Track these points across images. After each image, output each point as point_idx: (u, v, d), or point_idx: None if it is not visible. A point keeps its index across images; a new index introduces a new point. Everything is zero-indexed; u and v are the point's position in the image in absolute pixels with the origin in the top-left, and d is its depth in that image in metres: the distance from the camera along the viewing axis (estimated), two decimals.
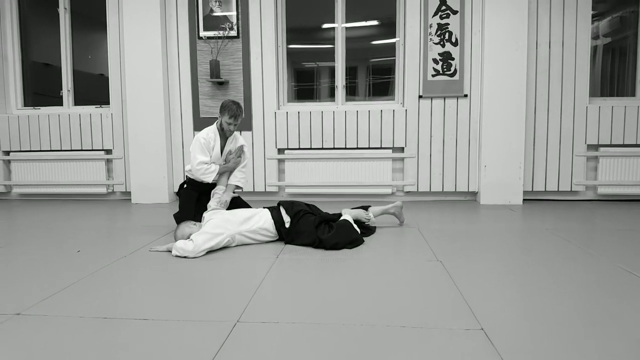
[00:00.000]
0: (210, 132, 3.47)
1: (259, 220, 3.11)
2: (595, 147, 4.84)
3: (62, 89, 5.39)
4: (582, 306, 2.01)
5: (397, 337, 1.71)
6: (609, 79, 5.29)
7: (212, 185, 3.52)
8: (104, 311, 1.97)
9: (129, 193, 5.22)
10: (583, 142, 4.80)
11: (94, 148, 5.25)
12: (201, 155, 3.41)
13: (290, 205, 3.19)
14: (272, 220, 3.12)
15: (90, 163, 5.24)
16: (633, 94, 4.95)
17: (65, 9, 5.29)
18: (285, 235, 3.11)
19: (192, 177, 3.56)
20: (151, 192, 5.01)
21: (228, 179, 3.55)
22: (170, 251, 2.91)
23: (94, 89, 5.53)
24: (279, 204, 3.25)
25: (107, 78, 5.19)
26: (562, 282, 2.32)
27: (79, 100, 5.45)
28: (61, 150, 5.29)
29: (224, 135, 3.52)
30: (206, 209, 3.35)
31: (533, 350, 1.59)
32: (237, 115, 3.38)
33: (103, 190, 5.25)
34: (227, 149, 3.53)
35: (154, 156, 4.99)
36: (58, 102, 5.42)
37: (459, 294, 2.15)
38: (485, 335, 1.71)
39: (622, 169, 4.78)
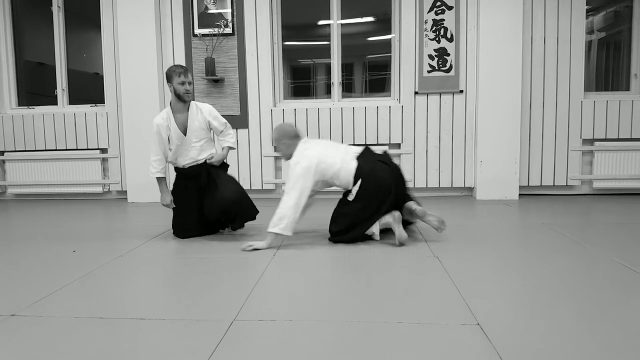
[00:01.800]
0: (163, 114, 3.27)
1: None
2: (590, 141, 4.86)
3: (56, 88, 5.36)
4: (578, 300, 2.02)
5: (394, 333, 1.71)
6: (604, 74, 5.30)
7: (196, 169, 3.34)
8: (100, 311, 1.96)
9: (125, 192, 5.21)
10: (578, 136, 4.81)
11: (89, 147, 5.23)
12: (154, 147, 3.31)
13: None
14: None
15: (86, 162, 5.22)
16: (627, 89, 4.96)
17: (59, 7, 5.25)
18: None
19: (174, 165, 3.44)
20: (147, 191, 4.99)
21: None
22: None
23: (88, 88, 5.50)
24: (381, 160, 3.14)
25: (102, 77, 5.17)
26: (559, 277, 2.33)
27: (73, 100, 5.42)
28: (56, 150, 5.26)
29: (184, 108, 3.26)
30: (197, 196, 3.32)
31: (529, 345, 1.60)
32: (186, 70, 3.18)
33: (99, 189, 5.24)
34: (191, 123, 3.25)
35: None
36: (52, 101, 5.39)
37: (456, 290, 2.15)
38: (482, 331, 1.71)
39: (617, 163, 4.80)
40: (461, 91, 4.83)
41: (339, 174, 3.06)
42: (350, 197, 3.06)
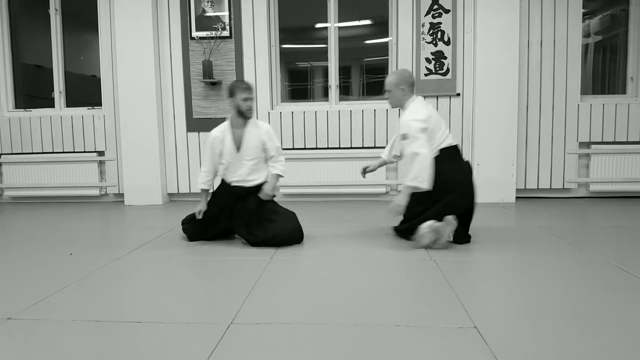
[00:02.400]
0: (221, 127, 3.18)
1: None
2: (587, 144, 4.87)
3: (53, 91, 5.35)
4: (575, 303, 2.02)
5: (391, 336, 1.71)
6: (600, 77, 5.32)
7: (242, 191, 3.19)
8: (97, 314, 1.96)
9: (122, 195, 5.20)
10: (575, 139, 4.83)
11: (86, 150, 5.22)
12: (206, 159, 3.25)
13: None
14: None
15: (83, 165, 5.21)
16: (624, 92, 4.99)
17: (56, 10, 5.25)
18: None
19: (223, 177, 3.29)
20: (144, 194, 4.99)
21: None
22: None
23: (86, 91, 5.50)
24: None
25: (99, 79, 5.17)
26: (555, 280, 2.34)
27: (71, 102, 5.41)
28: (53, 153, 5.25)
29: (242, 124, 3.13)
30: (233, 223, 3.21)
31: (526, 348, 1.60)
32: (250, 86, 3.08)
33: (96, 192, 5.23)
34: (247, 140, 3.12)
35: (147, 157, 4.97)
36: (50, 103, 5.38)
37: (453, 293, 2.16)
38: (479, 334, 1.72)
39: (614, 166, 4.81)
40: (458, 94, 4.84)
41: (436, 146, 2.98)
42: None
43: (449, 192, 2.94)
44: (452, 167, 2.98)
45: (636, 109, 4.78)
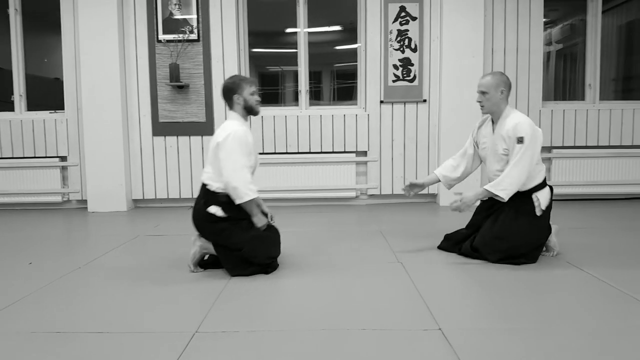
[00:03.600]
0: (239, 124, 2.64)
1: None
2: (548, 149, 5.03)
3: (13, 94, 5.16)
4: (536, 304, 2.09)
5: (358, 340, 1.73)
6: (562, 84, 5.52)
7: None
8: (57, 325, 1.91)
9: (85, 201, 5.05)
10: None
11: (47, 155, 5.05)
12: (244, 157, 2.57)
13: None
14: None
15: (44, 171, 5.04)
16: (583, 98, 5.17)
17: (16, 10, 5.07)
18: None
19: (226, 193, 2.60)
20: (108, 200, 4.87)
21: None
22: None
23: (48, 94, 5.33)
24: None
25: (62, 82, 5.02)
26: (517, 280, 2.40)
27: (32, 106, 5.23)
28: (13, 158, 5.05)
29: (246, 124, 2.74)
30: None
31: (489, 348, 1.64)
32: (255, 80, 2.85)
33: (58, 198, 5.06)
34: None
35: (111, 163, 4.85)
36: (9, 107, 5.19)
37: (419, 296, 2.19)
38: (443, 335, 1.75)
39: (574, 170, 4.98)
40: (425, 100, 4.93)
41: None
42: (538, 210, 2.76)
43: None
44: None
45: (594, 115, 4.97)
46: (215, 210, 2.59)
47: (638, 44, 5.23)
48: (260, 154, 4.99)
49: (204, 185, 2.67)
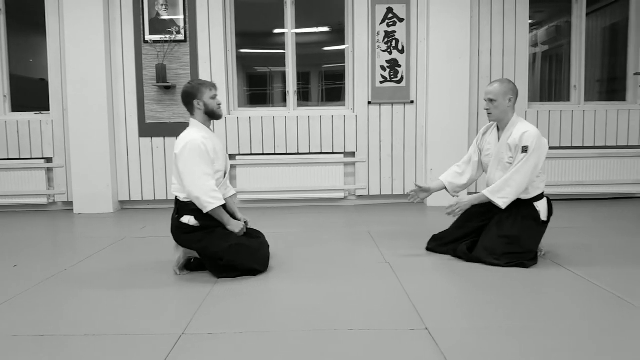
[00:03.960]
0: (200, 132, 2.59)
1: None
2: None
3: None
4: (522, 303, 2.11)
5: (345, 340, 1.74)
6: (547, 85, 5.57)
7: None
8: (42, 328, 1.89)
9: (71, 203, 5.00)
10: None
11: (33, 157, 4.99)
12: (204, 165, 2.52)
13: None
14: None
15: (30, 172, 4.98)
16: (568, 99, 5.23)
17: (0, 10, 5.01)
18: None
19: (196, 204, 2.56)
20: (95, 202, 4.82)
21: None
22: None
23: (33, 95, 5.27)
24: None
25: (48, 83, 4.97)
26: (502, 280, 2.42)
27: (17, 107, 5.16)
28: None
29: (209, 129, 2.71)
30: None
31: (475, 348, 1.66)
32: (215, 84, 2.71)
33: (44, 200, 5.01)
34: (223, 147, 2.77)
35: (98, 164, 4.80)
36: None
37: (406, 295, 2.20)
38: (430, 335, 1.76)
39: (560, 170, 5.03)
40: (412, 102, 4.95)
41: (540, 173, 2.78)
42: (543, 215, 2.80)
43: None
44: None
45: (579, 116, 5.02)
46: (188, 219, 2.56)
47: (622, 45, 5.29)
48: (247, 155, 4.98)
49: (175, 198, 2.64)
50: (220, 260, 2.51)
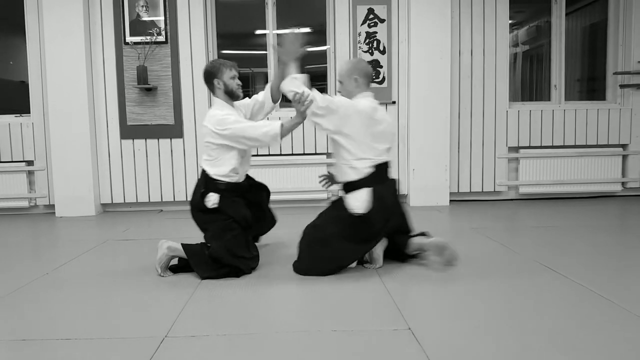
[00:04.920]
0: (225, 109, 2.71)
1: None
2: (515, 149, 5.12)
3: None
4: (504, 301, 2.14)
5: (329, 341, 1.75)
6: (528, 84, 5.62)
7: (245, 184, 2.89)
8: (23, 332, 1.88)
9: (52, 206, 4.96)
10: (504, 144, 5.06)
11: (13, 160, 4.94)
12: (249, 122, 2.69)
13: None
14: None
15: (10, 175, 4.93)
16: (549, 99, 5.28)
17: None
18: None
19: (227, 180, 2.71)
20: (77, 205, 4.79)
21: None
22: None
23: (13, 97, 5.22)
24: None
25: (28, 85, 4.92)
26: (485, 280, 2.45)
27: None
28: None
29: (232, 108, 2.78)
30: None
31: (457, 347, 1.68)
32: (236, 64, 2.80)
33: (25, 203, 4.96)
34: None
35: (79, 167, 4.77)
36: None
37: (389, 296, 2.22)
38: (412, 335, 1.78)
39: (541, 169, 5.08)
40: (394, 102, 4.97)
41: (368, 151, 2.60)
42: (357, 209, 2.54)
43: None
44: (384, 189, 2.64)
45: (560, 115, 5.07)
46: (211, 198, 2.67)
47: (601, 45, 5.35)
48: None
49: (203, 171, 2.75)
50: (208, 248, 2.58)
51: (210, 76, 2.73)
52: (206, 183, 2.70)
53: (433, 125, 4.86)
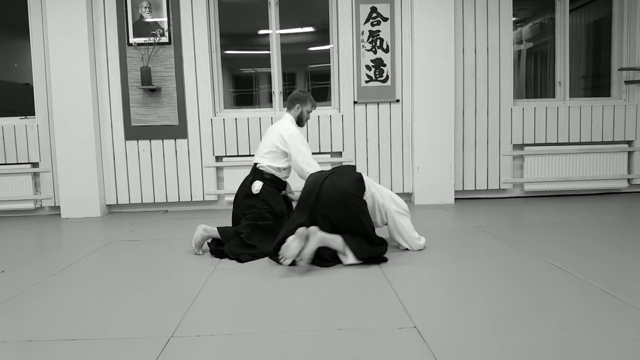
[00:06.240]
0: (293, 126, 3.41)
1: None
2: (520, 146, 5.10)
3: None
4: (510, 299, 2.13)
5: (334, 341, 1.74)
6: (532, 82, 5.60)
7: (283, 186, 3.48)
8: (30, 333, 1.88)
9: (58, 208, 4.98)
10: (509, 142, 5.04)
11: (19, 162, 4.97)
12: (308, 148, 3.32)
13: None
14: None
15: (16, 177, 4.96)
16: (553, 96, 5.26)
17: None
18: None
19: (276, 176, 3.32)
20: (82, 206, 4.81)
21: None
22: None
23: (18, 100, 5.25)
24: None
25: (33, 87, 4.94)
26: (491, 277, 2.44)
27: (2, 112, 5.13)
28: None
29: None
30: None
31: (463, 345, 1.67)
32: (316, 104, 3.54)
33: (30, 205, 4.99)
34: None
35: (84, 168, 4.79)
36: None
37: (394, 294, 2.21)
38: (418, 333, 1.77)
39: (546, 167, 5.06)
40: (397, 100, 4.96)
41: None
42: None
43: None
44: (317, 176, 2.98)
45: (564, 112, 5.05)
46: (256, 185, 3.22)
47: (606, 41, 5.33)
48: (233, 156, 4.98)
49: (254, 165, 3.33)
50: (242, 234, 3.00)
51: (297, 100, 3.42)
52: (254, 173, 3.28)
53: (437, 123, 4.84)
